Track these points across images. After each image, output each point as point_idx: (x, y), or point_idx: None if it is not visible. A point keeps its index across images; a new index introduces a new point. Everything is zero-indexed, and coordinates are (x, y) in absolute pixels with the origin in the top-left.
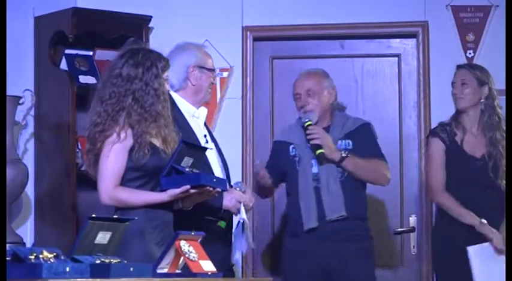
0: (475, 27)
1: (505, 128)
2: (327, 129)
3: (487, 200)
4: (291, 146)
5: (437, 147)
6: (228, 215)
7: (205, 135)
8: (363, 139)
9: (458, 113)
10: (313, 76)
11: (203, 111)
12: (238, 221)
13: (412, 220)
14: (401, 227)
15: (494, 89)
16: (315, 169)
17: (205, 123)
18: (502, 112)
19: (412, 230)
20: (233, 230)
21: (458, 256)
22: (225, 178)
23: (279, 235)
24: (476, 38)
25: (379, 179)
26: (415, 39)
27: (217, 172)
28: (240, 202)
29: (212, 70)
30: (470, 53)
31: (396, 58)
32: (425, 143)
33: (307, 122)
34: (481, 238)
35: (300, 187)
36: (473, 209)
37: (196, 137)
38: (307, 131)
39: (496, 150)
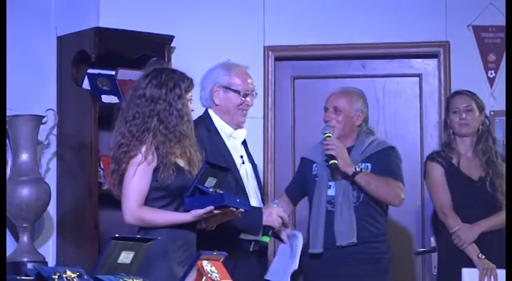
0: (497, 47)
1: (498, 149)
2: (349, 150)
3: None
4: (314, 165)
5: (437, 170)
6: (269, 232)
7: (241, 156)
8: (383, 162)
9: (451, 139)
10: (346, 95)
11: (242, 132)
12: (296, 237)
13: (434, 240)
14: (422, 248)
15: (487, 115)
16: (331, 191)
17: (245, 144)
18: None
19: (433, 250)
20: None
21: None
22: (260, 197)
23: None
24: (497, 58)
25: (391, 198)
26: (436, 59)
27: (252, 191)
28: (280, 217)
29: (238, 92)
30: (491, 73)
31: (417, 78)
32: (424, 170)
33: (326, 133)
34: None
35: (313, 209)
36: None
37: (232, 158)
38: (324, 142)
39: (492, 168)
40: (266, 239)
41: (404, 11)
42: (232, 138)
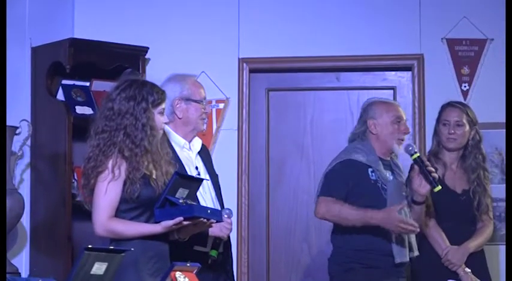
0: (470, 60)
1: (486, 166)
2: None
3: (468, 236)
4: (370, 170)
5: None
6: (219, 244)
7: (196, 167)
8: None
9: (439, 149)
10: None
11: (197, 142)
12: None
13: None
14: None
15: (479, 130)
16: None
17: (201, 155)
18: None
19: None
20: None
21: None
22: (218, 208)
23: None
24: (471, 71)
25: None
26: (410, 72)
27: (208, 202)
28: (228, 228)
29: (200, 101)
30: (465, 86)
31: (391, 91)
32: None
33: (417, 153)
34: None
35: None
36: (455, 244)
37: (185, 169)
38: (426, 162)
39: (480, 188)
40: (214, 253)
41: (379, 24)
42: (186, 149)
